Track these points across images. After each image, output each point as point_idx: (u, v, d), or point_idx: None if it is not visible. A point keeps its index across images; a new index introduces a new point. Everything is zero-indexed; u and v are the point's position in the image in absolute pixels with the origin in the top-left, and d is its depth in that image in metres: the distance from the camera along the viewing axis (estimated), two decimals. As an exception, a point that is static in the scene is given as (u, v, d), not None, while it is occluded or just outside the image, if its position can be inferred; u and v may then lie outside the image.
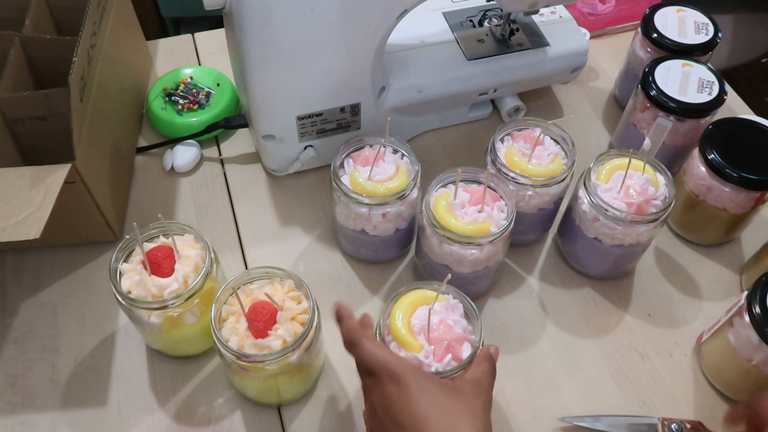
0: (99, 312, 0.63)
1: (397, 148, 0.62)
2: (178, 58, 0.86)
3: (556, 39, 0.75)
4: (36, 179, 0.54)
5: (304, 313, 0.52)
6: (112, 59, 0.68)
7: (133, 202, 0.71)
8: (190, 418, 0.57)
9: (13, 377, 0.59)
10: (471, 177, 0.60)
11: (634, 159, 0.60)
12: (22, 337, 0.62)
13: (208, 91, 0.77)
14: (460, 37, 0.74)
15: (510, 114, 0.79)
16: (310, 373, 0.57)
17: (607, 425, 0.56)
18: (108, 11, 0.68)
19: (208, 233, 0.69)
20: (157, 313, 0.53)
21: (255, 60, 0.60)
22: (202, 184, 0.74)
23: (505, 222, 0.57)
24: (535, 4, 0.68)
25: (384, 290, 0.66)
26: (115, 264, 0.54)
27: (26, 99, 0.61)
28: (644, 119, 0.69)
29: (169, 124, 0.75)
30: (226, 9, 0.58)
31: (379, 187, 0.58)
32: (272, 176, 0.74)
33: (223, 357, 0.50)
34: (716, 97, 0.66)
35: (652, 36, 0.73)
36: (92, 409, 0.58)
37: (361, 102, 0.67)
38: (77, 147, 0.57)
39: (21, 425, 0.57)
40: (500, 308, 0.65)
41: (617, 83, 0.83)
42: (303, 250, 0.68)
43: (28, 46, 0.65)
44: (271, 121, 0.66)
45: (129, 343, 0.61)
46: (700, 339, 0.62)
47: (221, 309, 0.52)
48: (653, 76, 0.68)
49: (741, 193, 0.62)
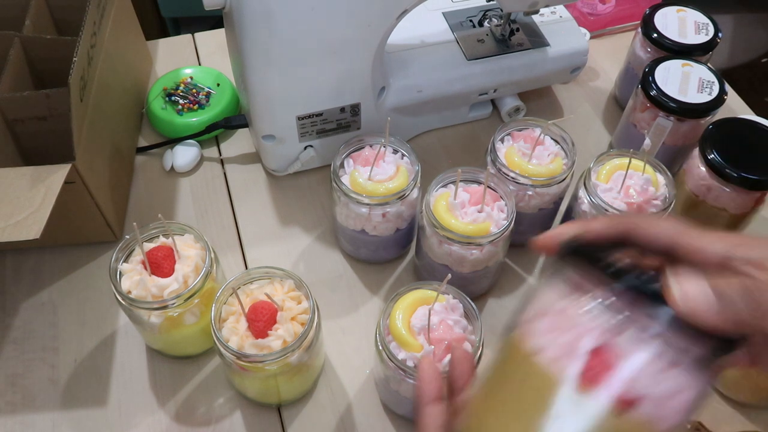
0: (99, 312, 0.63)
1: (397, 148, 0.62)
2: (178, 58, 0.86)
3: (556, 39, 0.75)
4: (36, 179, 0.54)
5: (304, 313, 0.52)
6: (112, 59, 0.68)
7: (133, 202, 0.71)
8: (190, 418, 0.57)
9: (13, 377, 0.59)
10: (471, 177, 0.60)
11: (634, 159, 0.60)
12: (22, 337, 0.62)
13: (208, 91, 0.77)
14: (460, 37, 0.74)
15: (510, 114, 0.79)
16: (310, 373, 0.57)
17: (608, 425, 0.56)
18: (108, 11, 0.68)
19: (208, 233, 0.69)
20: (157, 313, 0.53)
21: (255, 60, 0.60)
22: (202, 184, 0.74)
23: (505, 222, 0.57)
24: (535, 4, 0.68)
25: (384, 290, 0.66)
26: (115, 264, 0.54)
27: (26, 99, 0.61)
28: (644, 119, 0.69)
29: (169, 124, 0.75)
30: (226, 9, 0.58)
31: (379, 187, 0.58)
32: (272, 176, 0.74)
33: (223, 357, 0.50)
34: (716, 97, 0.66)
35: (652, 36, 0.73)
36: (92, 409, 0.58)
37: (361, 102, 0.67)
38: (77, 147, 0.57)
39: (21, 425, 0.57)
40: (500, 308, 0.65)
41: (617, 83, 0.83)
42: (303, 250, 0.68)
43: (28, 46, 0.65)
44: (271, 121, 0.66)
45: (129, 343, 0.61)
46: (700, 339, 0.62)
47: (221, 309, 0.52)
48: (653, 76, 0.68)
49: (741, 193, 0.62)
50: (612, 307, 0.31)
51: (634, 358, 0.30)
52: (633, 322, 0.31)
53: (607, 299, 0.32)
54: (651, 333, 0.30)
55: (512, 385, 0.33)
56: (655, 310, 0.30)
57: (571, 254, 0.34)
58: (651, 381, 0.30)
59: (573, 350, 0.31)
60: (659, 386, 0.30)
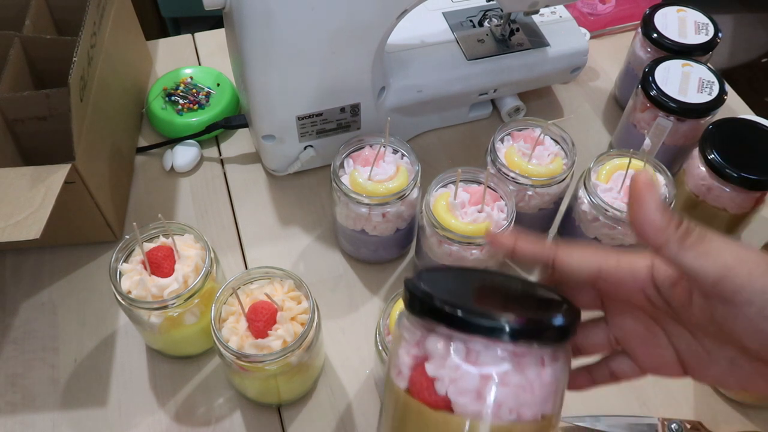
0: (99, 312, 0.63)
1: (397, 148, 0.62)
2: (178, 58, 0.86)
3: (556, 39, 0.75)
4: (36, 179, 0.54)
5: (304, 313, 0.52)
6: (112, 59, 0.68)
7: (133, 202, 0.71)
8: (190, 418, 0.57)
9: (13, 377, 0.59)
10: (471, 177, 0.60)
11: (634, 159, 0.60)
12: (22, 337, 0.62)
13: (208, 91, 0.77)
14: (460, 37, 0.74)
15: (510, 114, 0.79)
16: (310, 373, 0.57)
17: (607, 425, 0.56)
18: (108, 11, 0.68)
19: (208, 233, 0.69)
20: (157, 313, 0.53)
21: (255, 60, 0.60)
22: (202, 184, 0.74)
23: (505, 222, 0.57)
24: (535, 4, 0.68)
25: (384, 290, 0.66)
26: (115, 264, 0.54)
27: (26, 99, 0.61)
28: (644, 119, 0.69)
29: (169, 124, 0.75)
30: (226, 9, 0.58)
31: (379, 187, 0.58)
32: (272, 176, 0.74)
33: (223, 357, 0.50)
34: (716, 97, 0.66)
35: (652, 36, 0.73)
36: (92, 409, 0.58)
37: (361, 102, 0.67)
38: (77, 147, 0.57)
39: (21, 425, 0.57)
40: (500, 308, 0.65)
41: (617, 83, 0.83)
42: (303, 250, 0.68)
43: (28, 46, 0.65)
44: (271, 121, 0.66)
45: (129, 343, 0.61)
46: (700, 339, 0.62)
47: (221, 309, 0.52)
48: (653, 76, 0.67)
49: (741, 194, 0.62)
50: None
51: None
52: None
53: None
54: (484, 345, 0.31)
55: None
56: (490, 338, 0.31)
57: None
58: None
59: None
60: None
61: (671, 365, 0.35)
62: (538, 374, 0.31)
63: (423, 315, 0.33)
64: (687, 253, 0.29)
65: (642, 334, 0.35)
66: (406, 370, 0.33)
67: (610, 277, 0.34)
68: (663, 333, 0.35)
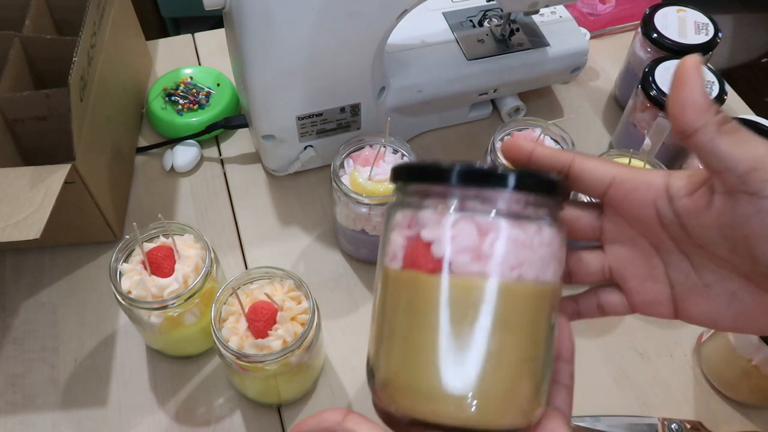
0: (99, 312, 0.63)
1: (397, 148, 0.62)
2: (178, 58, 0.86)
3: (556, 39, 0.75)
4: (36, 179, 0.54)
5: (304, 313, 0.52)
6: (112, 59, 0.68)
7: (133, 202, 0.71)
8: (190, 418, 0.57)
9: (13, 377, 0.59)
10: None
11: (634, 159, 0.60)
12: (22, 337, 0.62)
13: (208, 91, 0.77)
14: (460, 37, 0.74)
15: (510, 114, 0.79)
16: (310, 373, 0.57)
17: (607, 425, 0.56)
18: (108, 11, 0.68)
19: (208, 233, 0.69)
20: (157, 313, 0.53)
21: (255, 60, 0.60)
22: (202, 184, 0.74)
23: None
24: (535, 4, 0.68)
25: (384, 290, 0.66)
26: (115, 264, 0.54)
27: (26, 99, 0.61)
28: (644, 119, 0.69)
29: (169, 124, 0.75)
30: (226, 9, 0.58)
31: (379, 187, 0.58)
32: (272, 176, 0.74)
33: (223, 357, 0.50)
34: (716, 97, 0.66)
35: (652, 36, 0.73)
36: (92, 409, 0.58)
37: (361, 102, 0.67)
38: (77, 147, 0.57)
39: (21, 425, 0.57)
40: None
41: (617, 83, 0.83)
42: (303, 250, 0.68)
43: (28, 46, 0.65)
44: (271, 121, 0.66)
45: (129, 343, 0.61)
46: (700, 339, 0.62)
47: (221, 309, 0.52)
48: (653, 76, 0.68)
49: (741, 193, 0.61)
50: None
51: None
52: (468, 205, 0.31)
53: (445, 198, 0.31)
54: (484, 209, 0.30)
55: (393, 311, 0.32)
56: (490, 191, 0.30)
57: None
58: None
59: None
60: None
61: (663, 303, 0.34)
62: (537, 231, 0.30)
63: (418, 177, 0.32)
64: (723, 139, 0.29)
65: (638, 264, 0.35)
66: (400, 250, 0.31)
67: (624, 184, 0.33)
68: (661, 264, 0.34)
